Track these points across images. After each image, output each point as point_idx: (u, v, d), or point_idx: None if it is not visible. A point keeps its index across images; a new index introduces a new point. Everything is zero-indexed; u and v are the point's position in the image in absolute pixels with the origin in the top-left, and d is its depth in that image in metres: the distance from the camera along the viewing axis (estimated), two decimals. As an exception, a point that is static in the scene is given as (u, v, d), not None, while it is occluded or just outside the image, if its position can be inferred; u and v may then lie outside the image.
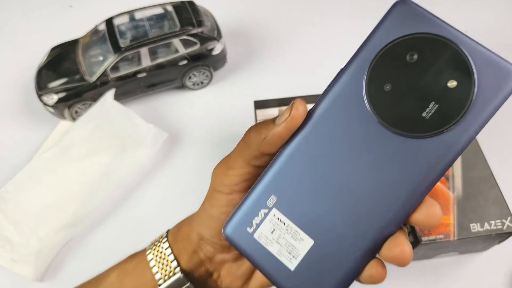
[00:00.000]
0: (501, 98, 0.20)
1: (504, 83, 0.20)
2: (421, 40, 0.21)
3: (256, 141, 0.24)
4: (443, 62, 0.21)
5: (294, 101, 0.23)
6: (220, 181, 0.26)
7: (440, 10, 0.54)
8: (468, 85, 0.20)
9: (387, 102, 0.21)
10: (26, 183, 0.56)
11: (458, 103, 0.20)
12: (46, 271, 0.52)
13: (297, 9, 0.81)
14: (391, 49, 0.21)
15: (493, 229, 0.45)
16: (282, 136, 0.23)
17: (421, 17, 0.21)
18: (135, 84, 0.64)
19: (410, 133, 0.21)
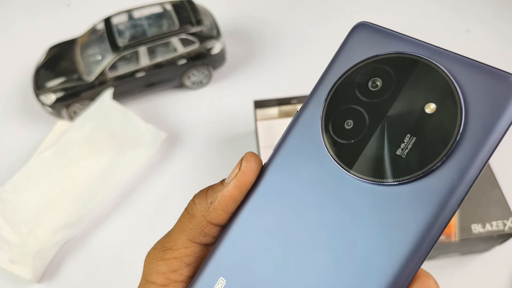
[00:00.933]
0: (506, 118, 0.15)
1: (503, 99, 0.15)
2: (383, 62, 0.17)
3: (201, 208, 0.19)
4: (413, 84, 0.16)
5: (245, 154, 0.19)
6: (154, 267, 0.20)
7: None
8: (452, 105, 0.15)
9: (350, 144, 0.17)
10: (24, 184, 0.55)
11: (442, 131, 0.15)
12: (44, 272, 0.52)
13: (297, 8, 0.81)
14: (347, 79, 0.17)
15: (494, 230, 0.45)
16: (234, 198, 0.19)
17: (380, 36, 0.17)
18: (133, 83, 0.64)
19: (385, 180, 0.16)
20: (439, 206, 0.15)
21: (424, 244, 0.15)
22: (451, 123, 0.15)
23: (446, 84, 0.15)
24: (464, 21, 0.77)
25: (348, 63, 0.18)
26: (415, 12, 0.79)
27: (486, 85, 0.15)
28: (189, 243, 0.20)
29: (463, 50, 0.75)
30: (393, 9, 0.80)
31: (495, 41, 0.74)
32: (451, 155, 0.15)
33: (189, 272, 0.20)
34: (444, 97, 0.15)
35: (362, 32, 0.18)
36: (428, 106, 0.16)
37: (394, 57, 0.17)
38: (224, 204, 0.19)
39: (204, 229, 0.19)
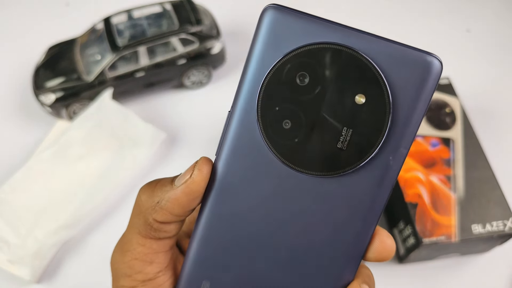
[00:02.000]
0: (424, 97, 0.16)
1: (423, 78, 0.16)
2: (306, 55, 0.16)
3: (147, 205, 0.19)
4: (341, 75, 0.16)
5: (198, 160, 0.19)
6: (119, 271, 0.20)
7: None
8: (380, 95, 0.16)
9: (292, 142, 0.17)
10: (23, 184, 0.55)
11: (375, 120, 0.16)
12: (43, 273, 0.52)
13: (297, 8, 0.80)
14: (274, 77, 0.17)
15: (494, 230, 0.45)
16: (180, 203, 0.19)
17: (297, 24, 0.17)
18: (133, 83, 0.64)
19: (331, 172, 0.17)
20: (380, 185, 0.17)
21: (373, 213, 0.17)
22: (382, 111, 0.16)
23: (372, 73, 0.16)
24: (464, 21, 0.77)
25: (270, 59, 0.17)
26: (415, 12, 0.79)
27: (407, 67, 0.16)
28: (143, 240, 0.20)
29: (463, 50, 0.75)
30: (393, 9, 0.80)
31: (495, 41, 0.74)
32: (386, 140, 0.16)
33: (155, 269, 0.20)
34: (371, 86, 0.16)
35: (274, 19, 0.17)
36: (358, 97, 0.16)
37: (317, 48, 0.16)
38: (170, 206, 0.19)
39: (152, 225, 0.19)
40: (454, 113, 0.54)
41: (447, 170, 0.49)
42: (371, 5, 0.80)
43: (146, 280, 0.20)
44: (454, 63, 0.71)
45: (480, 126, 0.62)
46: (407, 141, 0.17)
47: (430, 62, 0.16)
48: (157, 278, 0.20)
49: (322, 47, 0.16)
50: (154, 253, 0.20)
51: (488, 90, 0.68)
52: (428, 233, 0.45)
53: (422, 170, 0.49)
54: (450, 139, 0.51)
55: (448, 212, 0.46)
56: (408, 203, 0.47)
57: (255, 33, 0.17)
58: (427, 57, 0.16)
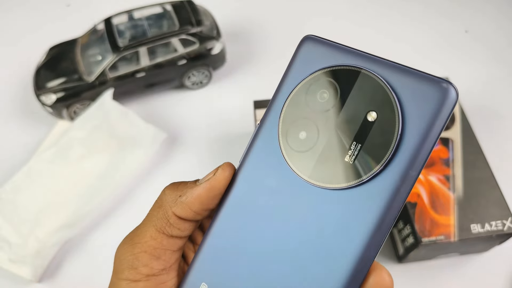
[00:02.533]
0: (439, 121, 0.16)
1: (437, 105, 0.16)
2: (328, 75, 0.18)
3: (170, 199, 0.20)
4: (356, 94, 0.17)
5: (222, 164, 0.20)
6: (125, 263, 0.20)
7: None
8: (390, 113, 0.17)
9: (305, 153, 0.18)
10: (24, 184, 0.55)
11: (383, 137, 0.17)
12: (44, 272, 0.52)
13: (297, 8, 0.81)
14: (298, 92, 0.19)
15: (493, 230, 0.45)
16: (201, 198, 0.20)
17: (326, 50, 0.19)
18: (133, 84, 0.64)
19: (338, 186, 0.17)
20: (385, 206, 0.16)
21: (375, 239, 0.16)
22: (391, 129, 0.16)
23: (385, 93, 0.17)
24: (463, 22, 0.77)
25: (299, 77, 0.19)
26: (416, 13, 0.79)
27: (420, 92, 0.16)
28: (156, 234, 0.20)
29: (462, 50, 0.75)
30: (392, 10, 0.80)
31: (494, 41, 0.74)
32: (392, 159, 0.16)
33: (160, 265, 0.20)
34: (383, 105, 0.17)
35: (308, 46, 0.19)
36: (370, 115, 0.17)
37: (338, 69, 0.18)
38: (191, 200, 0.20)
39: (169, 219, 0.20)
40: (453, 113, 0.54)
41: (446, 170, 0.49)
42: (371, 5, 0.81)
43: (150, 275, 0.20)
44: (453, 64, 0.71)
45: (479, 126, 0.62)
46: (417, 165, 0.16)
47: (444, 89, 0.16)
48: (160, 275, 0.20)
49: (341, 69, 0.18)
50: (163, 249, 0.20)
51: (486, 90, 0.68)
52: (427, 232, 0.45)
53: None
54: (449, 139, 0.52)
55: (447, 212, 0.46)
56: (407, 203, 0.47)
57: (292, 58, 0.19)
58: (442, 84, 0.16)
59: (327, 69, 0.18)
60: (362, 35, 0.76)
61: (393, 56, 0.58)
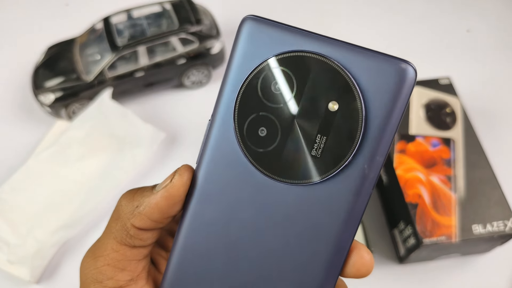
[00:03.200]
0: (401, 103, 0.16)
1: (397, 85, 0.16)
2: (280, 63, 0.16)
3: (127, 210, 0.19)
4: (314, 83, 0.16)
5: (180, 167, 0.19)
6: (90, 277, 0.20)
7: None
8: (352, 101, 0.16)
9: (267, 150, 0.17)
10: (22, 184, 0.55)
11: (348, 127, 0.16)
12: (43, 273, 0.51)
13: (297, 8, 0.80)
14: (250, 85, 0.17)
15: (495, 231, 0.45)
16: (160, 208, 0.18)
17: (273, 33, 0.17)
18: (132, 83, 0.63)
19: (305, 181, 0.17)
20: (356, 194, 0.16)
21: (350, 223, 0.17)
22: (355, 118, 0.16)
23: (344, 80, 0.16)
24: (464, 21, 0.77)
25: (247, 67, 0.17)
26: (416, 12, 0.79)
27: (379, 74, 0.16)
28: (118, 246, 0.19)
29: (464, 50, 0.75)
30: (393, 10, 0.80)
31: (495, 41, 0.74)
32: (360, 148, 0.16)
33: (126, 276, 0.20)
34: (344, 93, 0.16)
35: (252, 29, 0.17)
36: (332, 104, 0.16)
37: (291, 56, 0.16)
38: (149, 211, 0.19)
39: (129, 231, 0.19)
40: (455, 113, 0.53)
41: (447, 170, 0.49)
42: (371, 5, 0.80)
43: (116, 287, 0.19)
44: (455, 64, 0.71)
45: (481, 126, 0.62)
46: (383, 150, 0.16)
47: (404, 70, 0.16)
48: (127, 286, 0.20)
49: (295, 56, 0.16)
50: (127, 260, 0.20)
51: (488, 90, 0.67)
52: (428, 233, 0.45)
53: (422, 170, 0.49)
54: (451, 139, 0.51)
55: (449, 212, 0.46)
56: (408, 203, 0.46)
57: (234, 43, 0.18)
58: (401, 64, 0.16)
59: (278, 57, 0.16)
60: (362, 35, 0.75)
61: (395, 55, 0.57)
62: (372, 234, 0.53)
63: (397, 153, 0.50)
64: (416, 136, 0.51)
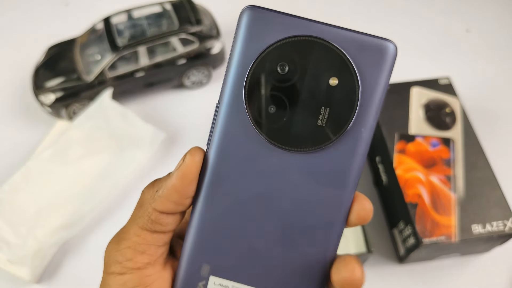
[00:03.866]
0: (385, 76, 0.19)
1: (383, 60, 0.19)
2: (284, 47, 0.19)
3: (148, 196, 0.21)
4: (315, 62, 0.19)
5: (190, 149, 0.21)
6: (111, 258, 0.21)
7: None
8: (349, 76, 0.19)
9: (277, 125, 0.19)
10: (23, 184, 0.55)
11: (347, 99, 0.19)
12: (43, 272, 0.52)
13: (297, 8, 0.80)
14: (257, 69, 0.19)
15: (495, 231, 0.45)
16: (176, 188, 0.20)
17: (275, 21, 0.19)
18: (133, 83, 0.64)
19: (315, 147, 0.19)
20: (356, 153, 0.19)
21: (353, 178, 0.20)
22: (353, 90, 0.19)
23: (342, 59, 0.19)
24: (464, 21, 0.77)
25: (253, 52, 0.19)
26: (416, 12, 0.79)
27: (368, 52, 0.19)
28: (139, 231, 0.21)
29: (463, 50, 0.75)
30: (393, 10, 0.80)
31: (495, 41, 0.74)
32: (358, 115, 0.19)
33: (145, 259, 0.21)
34: (342, 70, 0.19)
35: (254, 17, 0.19)
36: (332, 80, 0.19)
37: (294, 41, 0.19)
38: (167, 193, 0.20)
39: (151, 216, 0.21)
40: (454, 113, 0.53)
41: (447, 170, 0.49)
42: (372, 5, 0.80)
43: (134, 268, 0.21)
44: (454, 63, 0.71)
45: (480, 126, 0.62)
46: (375, 114, 0.19)
47: (386, 46, 0.19)
48: (145, 268, 0.21)
49: (298, 40, 0.19)
50: (147, 245, 0.21)
51: (488, 90, 0.67)
52: (428, 233, 0.45)
53: (422, 170, 0.49)
54: (450, 139, 0.51)
55: (448, 212, 0.46)
56: (408, 203, 0.47)
57: (236, 31, 0.20)
58: (384, 42, 0.19)
59: (281, 42, 0.19)
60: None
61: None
62: (371, 234, 0.53)
63: (397, 153, 0.50)
64: (415, 136, 0.51)
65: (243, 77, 0.19)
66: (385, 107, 0.54)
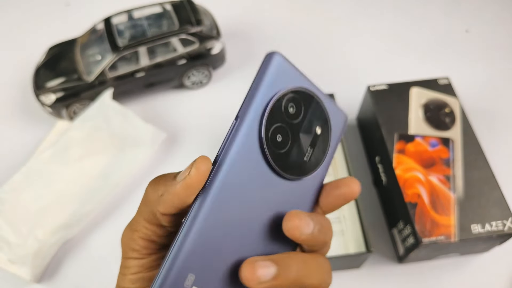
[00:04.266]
0: (341, 133, 0.27)
1: (343, 126, 0.27)
2: (296, 94, 0.24)
3: (153, 198, 0.22)
4: (311, 112, 0.25)
5: (197, 158, 0.21)
6: (128, 246, 0.23)
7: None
8: (327, 130, 0.26)
9: (280, 152, 0.24)
10: (23, 184, 0.55)
11: (323, 144, 0.26)
12: (43, 272, 0.52)
13: (297, 8, 0.81)
14: (277, 102, 0.23)
15: (494, 230, 0.45)
16: (180, 196, 0.20)
17: (291, 71, 0.24)
18: (133, 83, 0.64)
19: (300, 177, 0.24)
20: (321, 178, 0.26)
21: (316, 194, 0.26)
22: (326, 141, 0.26)
23: (325, 115, 0.26)
24: (463, 22, 0.77)
25: (274, 88, 0.24)
26: (416, 12, 0.79)
27: (337, 116, 0.26)
28: (147, 224, 0.22)
29: (463, 50, 0.75)
30: (393, 10, 0.80)
31: (494, 41, 0.74)
32: (326, 156, 0.26)
33: (158, 246, 0.23)
34: (324, 124, 0.26)
35: (279, 63, 0.24)
36: (318, 129, 0.25)
37: (303, 91, 0.25)
38: (171, 199, 0.21)
39: (155, 215, 0.22)
40: (454, 113, 0.54)
41: (446, 170, 0.49)
42: (370, 5, 0.81)
43: (151, 253, 0.23)
44: (454, 64, 0.71)
45: (480, 126, 0.62)
46: (332, 155, 0.26)
47: (345, 116, 0.27)
48: (158, 253, 0.23)
49: (307, 91, 0.25)
50: (157, 235, 0.23)
51: (487, 90, 0.68)
52: (427, 233, 0.45)
53: (421, 170, 0.49)
54: (450, 139, 0.51)
55: (448, 212, 0.46)
56: (407, 203, 0.47)
57: (263, 70, 0.24)
58: (343, 113, 0.27)
59: (297, 88, 0.24)
60: (361, 35, 0.76)
61: (394, 56, 0.59)
62: (371, 234, 0.53)
63: (396, 153, 0.50)
64: (415, 136, 0.52)
65: (263, 106, 0.23)
66: (385, 107, 0.54)
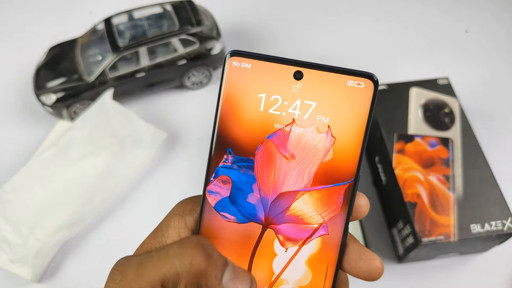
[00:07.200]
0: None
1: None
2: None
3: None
4: None
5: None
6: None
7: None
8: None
9: None
10: (24, 184, 0.55)
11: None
12: (44, 272, 0.52)
13: (297, 8, 0.81)
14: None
15: (493, 230, 0.45)
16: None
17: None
18: (133, 83, 0.64)
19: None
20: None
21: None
22: None
23: None
24: (463, 22, 0.77)
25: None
26: (416, 12, 0.79)
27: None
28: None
29: (462, 50, 0.75)
30: (393, 11, 0.80)
31: (494, 42, 0.74)
32: None
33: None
34: None
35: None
36: None
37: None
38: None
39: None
40: (453, 113, 0.54)
41: (446, 170, 0.49)
42: (370, 5, 0.81)
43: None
44: (453, 64, 0.71)
45: (479, 126, 0.62)
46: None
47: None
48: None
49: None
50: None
51: (487, 90, 0.68)
52: (427, 232, 0.45)
53: (421, 170, 0.49)
54: (449, 139, 0.52)
55: (447, 212, 0.46)
56: (407, 203, 0.47)
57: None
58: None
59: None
60: (361, 35, 0.76)
61: (394, 56, 0.58)
62: (370, 233, 0.53)
63: (396, 153, 0.51)
64: (414, 136, 0.52)
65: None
66: (384, 107, 0.54)
